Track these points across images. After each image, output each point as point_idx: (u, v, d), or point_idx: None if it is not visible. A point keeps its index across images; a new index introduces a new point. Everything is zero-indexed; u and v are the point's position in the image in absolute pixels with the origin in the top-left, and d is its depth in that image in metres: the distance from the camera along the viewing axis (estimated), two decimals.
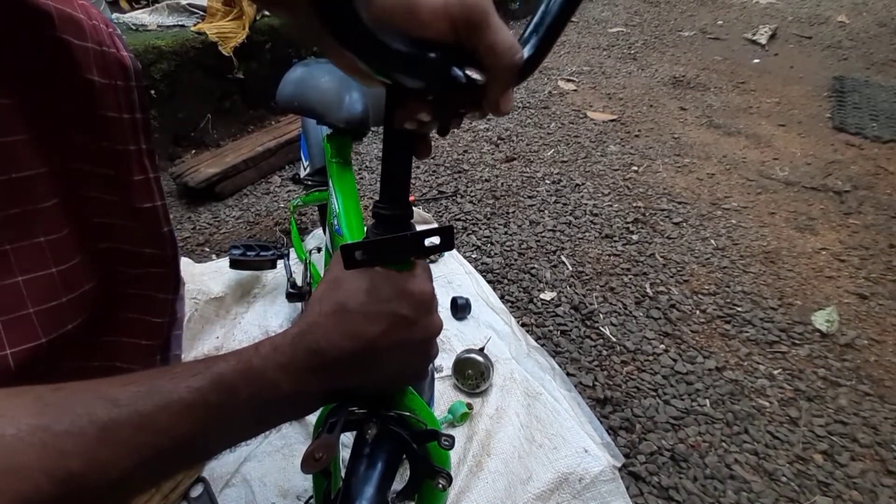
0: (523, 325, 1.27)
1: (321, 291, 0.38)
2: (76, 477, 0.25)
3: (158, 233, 0.61)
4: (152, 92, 1.73)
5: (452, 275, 1.38)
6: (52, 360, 0.52)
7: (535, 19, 0.35)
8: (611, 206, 1.75)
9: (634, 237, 1.59)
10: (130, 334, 0.63)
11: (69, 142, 0.51)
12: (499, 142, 2.15)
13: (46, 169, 0.48)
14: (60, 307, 0.50)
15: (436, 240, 0.37)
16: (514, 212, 1.71)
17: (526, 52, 0.35)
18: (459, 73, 0.32)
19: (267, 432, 0.91)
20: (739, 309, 1.33)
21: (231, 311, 1.26)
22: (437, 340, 0.42)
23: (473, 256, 1.51)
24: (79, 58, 0.48)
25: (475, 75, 0.32)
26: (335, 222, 0.80)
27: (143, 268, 0.61)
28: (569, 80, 2.76)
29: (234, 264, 1.23)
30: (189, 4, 1.99)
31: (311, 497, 0.58)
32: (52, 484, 0.24)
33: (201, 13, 1.99)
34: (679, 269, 1.47)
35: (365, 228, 0.44)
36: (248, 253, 1.23)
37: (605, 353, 1.21)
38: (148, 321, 0.64)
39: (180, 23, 1.95)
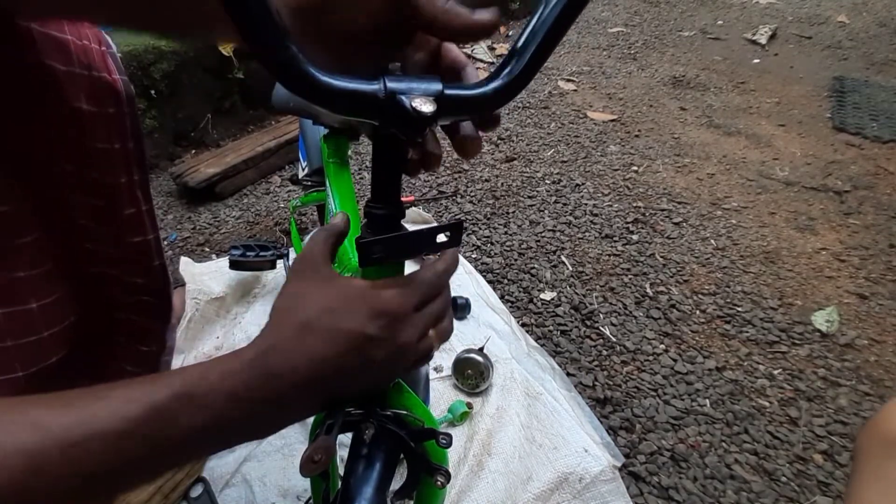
0: (523, 325, 1.27)
1: (281, 307, 0.36)
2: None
3: (149, 266, 0.59)
4: (152, 92, 1.73)
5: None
6: (33, 390, 0.50)
7: (522, 37, 0.34)
8: (611, 206, 1.74)
9: (634, 237, 1.59)
10: (118, 360, 0.62)
11: (58, 172, 0.48)
12: (499, 142, 2.15)
13: (28, 204, 0.46)
14: (40, 342, 0.48)
15: (446, 236, 0.37)
16: (514, 212, 1.71)
17: (509, 71, 0.34)
18: (407, 103, 0.31)
19: None
20: (739, 309, 1.33)
21: (231, 311, 1.26)
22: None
23: (473, 256, 1.51)
24: (65, 85, 0.45)
25: (424, 107, 0.31)
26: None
27: (134, 296, 0.59)
28: (569, 80, 2.76)
29: (234, 265, 1.23)
30: None
31: (310, 497, 0.58)
32: None
33: None
34: (679, 269, 1.47)
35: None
36: (248, 253, 1.23)
37: (605, 353, 1.21)
38: (136, 349, 0.63)
39: None
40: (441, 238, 0.37)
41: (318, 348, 0.33)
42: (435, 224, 0.37)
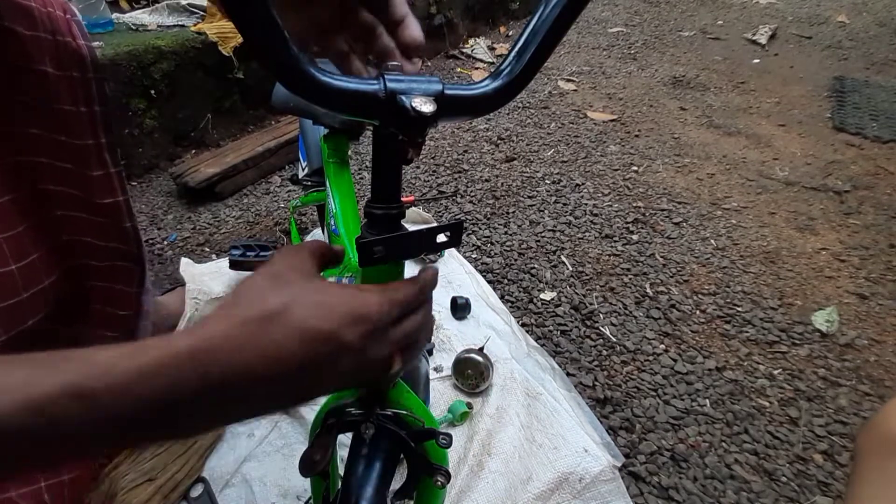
0: (523, 325, 1.27)
1: (246, 291, 0.30)
2: None
3: (121, 228, 0.60)
4: (152, 92, 1.73)
5: (452, 275, 1.38)
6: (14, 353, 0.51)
7: (523, 37, 0.35)
8: (611, 206, 1.74)
9: (634, 237, 1.59)
10: (96, 325, 0.63)
11: (26, 135, 0.49)
12: (499, 142, 2.15)
13: None
14: (21, 304, 0.50)
15: (446, 236, 0.37)
16: (514, 212, 1.71)
17: (509, 71, 0.35)
18: (407, 103, 0.31)
19: (266, 432, 0.90)
20: (739, 309, 1.33)
21: None
22: (438, 341, 0.40)
23: (473, 256, 1.51)
24: (29, 48, 0.46)
25: (424, 107, 0.31)
26: (332, 222, 0.80)
27: (109, 261, 0.61)
28: (569, 80, 2.76)
29: (234, 265, 1.23)
30: (189, 4, 1.99)
31: (310, 497, 0.58)
32: None
33: (201, 13, 1.99)
34: (679, 269, 1.47)
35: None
36: (248, 253, 1.23)
37: (605, 353, 1.21)
38: (114, 314, 0.64)
39: (180, 23, 1.95)
40: (441, 238, 0.37)
41: (282, 345, 0.28)
42: (435, 224, 0.36)
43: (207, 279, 1.28)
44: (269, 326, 0.28)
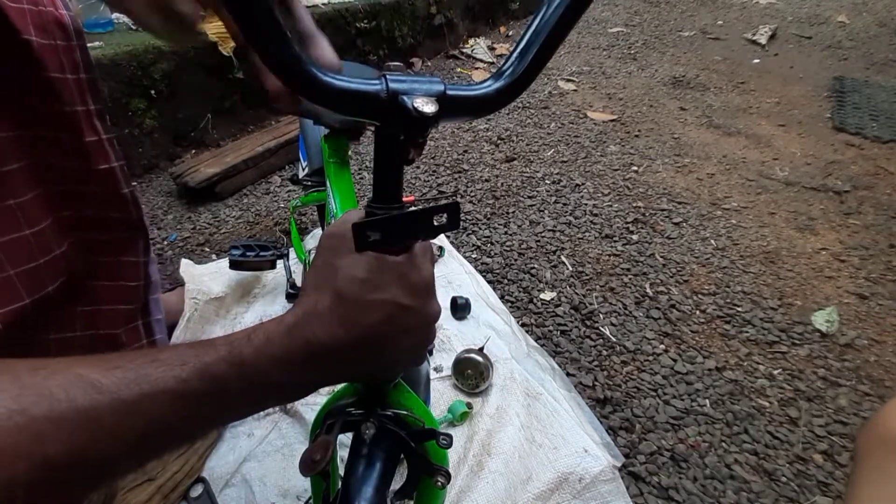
0: (523, 325, 1.27)
1: (315, 278, 0.37)
2: (54, 462, 0.24)
3: (119, 194, 0.61)
4: (152, 92, 1.73)
5: (452, 275, 1.38)
6: (36, 326, 0.53)
7: (525, 38, 0.35)
8: (611, 206, 1.74)
9: (634, 237, 1.59)
10: (108, 301, 0.64)
11: (23, 106, 0.50)
12: (499, 142, 2.15)
13: (8, 132, 0.48)
14: (38, 269, 0.51)
15: (443, 218, 0.37)
16: (514, 212, 1.71)
17: (511, 72, 0.35)
18: (409, 103, 0.31)
19: (266, 432, 0.90)
20: (739, 309, 1.33)
21: (231, 311, 1.26)
22: (438, 341, 0.41)
23: (473, 256, 1.51)
24: (13, 18, 0.46)
25: (426, 107, 0.31)
26: (332, 222, 0.80)
27: (111, 233, 0.62)
28: (569, 80, 2.76)
29: (234, 265, 1.23)
30: None
31: (310, 497, 0.58)
32: (29, 469, 0.23)
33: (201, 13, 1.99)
34: (679, 269, 1.47)
35: None
36: (248, 253, 1.23)
37: (605, 353, 1.21)
38: (123, 286, 0.65)
39: None
40: (438, 220, 0.36)
41: (355, 316, 0.34)
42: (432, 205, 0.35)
43: (207, 279, 1.28)
44: (340, 305, 0.34)
